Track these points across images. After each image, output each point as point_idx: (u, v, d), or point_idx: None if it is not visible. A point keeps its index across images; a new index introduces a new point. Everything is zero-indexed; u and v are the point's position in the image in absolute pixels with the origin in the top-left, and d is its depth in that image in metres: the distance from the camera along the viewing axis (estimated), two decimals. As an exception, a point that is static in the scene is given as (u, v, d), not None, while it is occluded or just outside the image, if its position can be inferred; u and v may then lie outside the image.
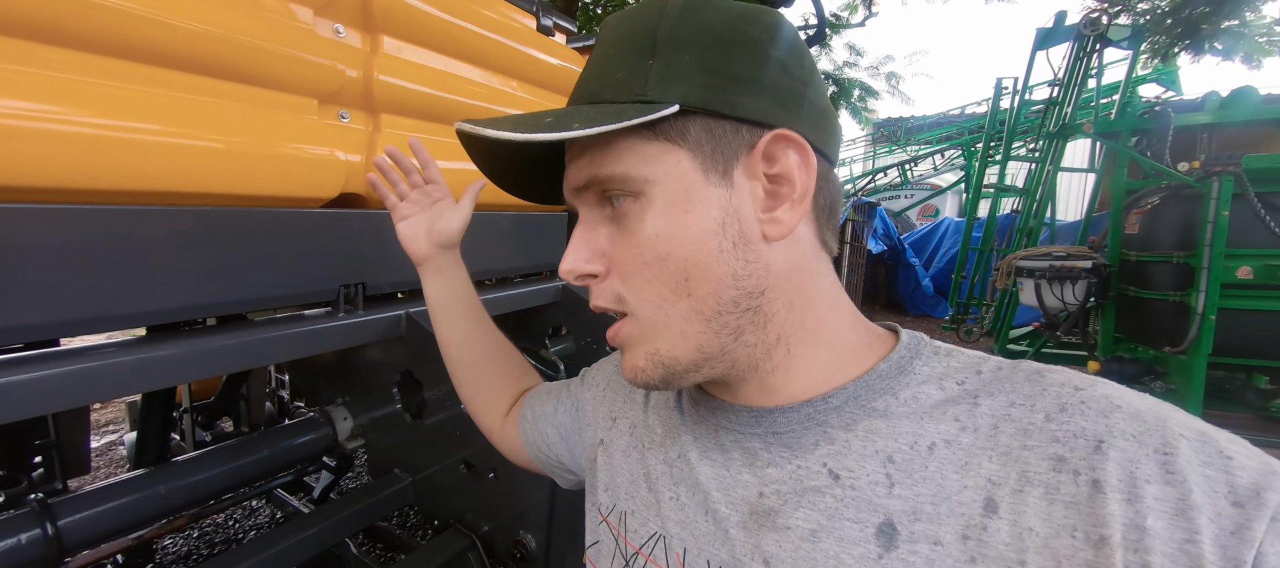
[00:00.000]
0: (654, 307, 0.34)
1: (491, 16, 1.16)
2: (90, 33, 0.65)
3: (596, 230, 0.37)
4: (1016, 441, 0.28)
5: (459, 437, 1.05)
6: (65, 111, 0.63)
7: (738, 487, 0.36)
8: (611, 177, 0.34)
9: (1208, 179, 2.73)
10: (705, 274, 0.33)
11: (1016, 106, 4.83)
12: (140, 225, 0.72)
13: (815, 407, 0.35)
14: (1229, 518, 0.23)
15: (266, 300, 0.87)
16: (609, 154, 0.34)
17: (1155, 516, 0.24)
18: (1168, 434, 0.25)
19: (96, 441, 2.79)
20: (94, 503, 0.90)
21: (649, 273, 0.34)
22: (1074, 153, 5.64)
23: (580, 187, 0.36)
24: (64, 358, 0.69)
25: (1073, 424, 0.27)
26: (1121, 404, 0.27)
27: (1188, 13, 4.98)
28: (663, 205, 0.33)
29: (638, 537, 0.41)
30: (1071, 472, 0.26)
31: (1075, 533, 0.25)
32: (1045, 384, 0.30)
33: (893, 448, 0.31)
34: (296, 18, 0.86)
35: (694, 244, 0.33)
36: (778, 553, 0.33)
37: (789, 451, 0.35)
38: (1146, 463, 0.25)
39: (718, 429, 0.39)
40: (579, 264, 0.37)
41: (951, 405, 0.31)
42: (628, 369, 0.37)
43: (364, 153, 0.96)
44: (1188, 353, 2.78)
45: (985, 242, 4.79)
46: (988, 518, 0.27)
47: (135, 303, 0.73)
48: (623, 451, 0.45)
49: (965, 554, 0.27)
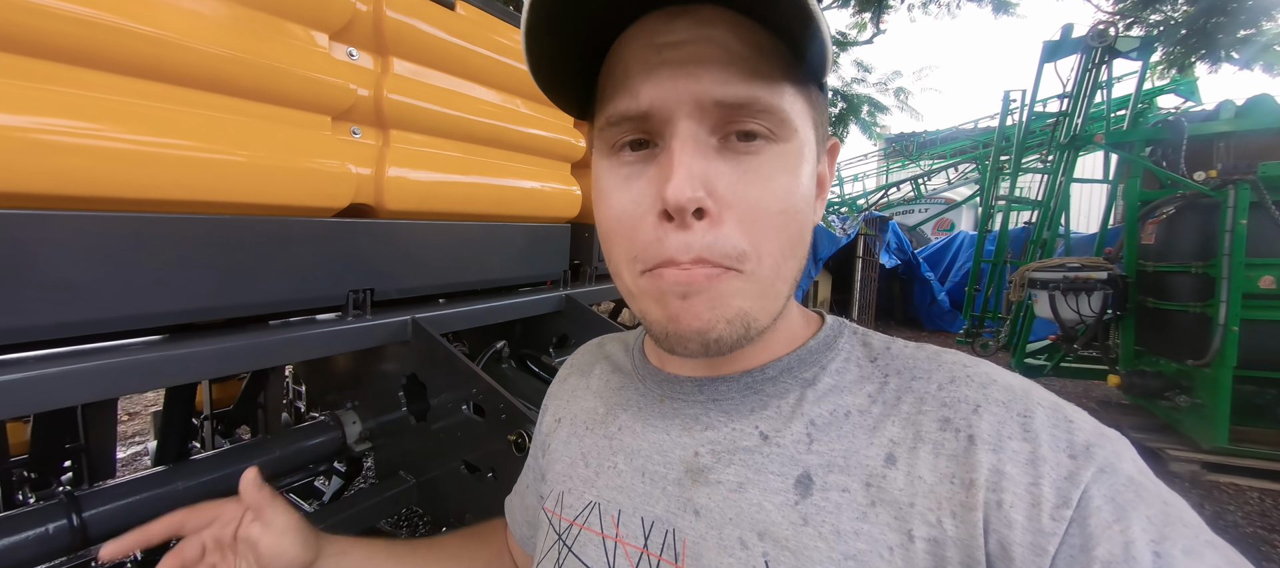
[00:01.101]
0: (774, 264, 0.32)
1: (495, 38, 1.23)
2: (130, 58, 0.72)
3: (708, 161, 0.30)
4: (914, 407, 0.33)
5: (460, 439, 1.08)
6: (105, 128, 0.70)
7: (675, 449, 0.38)
8: (772, 109, 0.30)
9: (1224, 188, 2.69)
10: (806, 240, 0.34)
11: (1025, 120, 4.80)
12: (167, 232, 0.79)
13: (753, 377, 0.38)
14: (1065, 467, 0.28)
15: (281, 304, 0.93)
16: (771, 84, 0.30)
17: (1012, 463, 0.29)
18: (1029, 402, 0.31)
19: (123, 451, 2.89)
20: (116, 497, 0.95)
21: (780, 224, 0.31)
22: (1089, 164, 5.57)
23: (724, 101, 0.30)
24: (95, 354, 0.75)
25: (959, 392, 0.32)
26: (997, 379, 0.33)
27: (1203, 22, 4.93)
28: (796, 160, 0.32)
29: (572, 511, 0.42)
30: (954, 430, 0.31)
31: (954, 480, 0.30)
32: (941, 362, 0.35)
33: (815, 413, 0.35)
34: (314, 43, 0.93)
35: (808, 208, 0.34)
36: (707, 504, 0.35)
37: (727, 415, 0.37)
38: (1011, 423, 0.30)
39: (663, 399, 0.41)
40: (699, 191, 0.29)
41: (866, 382, 0.36)
42: (702, 320, 0.31)
43: (373, 166, 1.02)
44: (1212, 366, 2.69)
45: (998, 255, 4.73)
46: (887, 469, 0.32)
47: (162, 303, 0.79)
48: (562, 441, 0.47)
49: (867, 499, 0.31)
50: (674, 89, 0.30)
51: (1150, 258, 3.12)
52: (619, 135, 0.33)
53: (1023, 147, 4.84)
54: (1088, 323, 3.22)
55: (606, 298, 1.78)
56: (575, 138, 1.48)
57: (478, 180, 1.23)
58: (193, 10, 0.79)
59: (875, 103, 7.45)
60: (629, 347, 0.48)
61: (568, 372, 0.53)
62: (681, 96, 0.30)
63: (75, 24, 0.66)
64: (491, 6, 1.28)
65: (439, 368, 1.09)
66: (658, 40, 0.31)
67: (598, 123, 0.35)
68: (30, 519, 0.84)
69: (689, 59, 0.30)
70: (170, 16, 0.75)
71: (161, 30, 0.73)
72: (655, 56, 0.31)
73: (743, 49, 0.30)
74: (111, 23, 0.69)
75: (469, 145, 1.23)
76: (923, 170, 9.99)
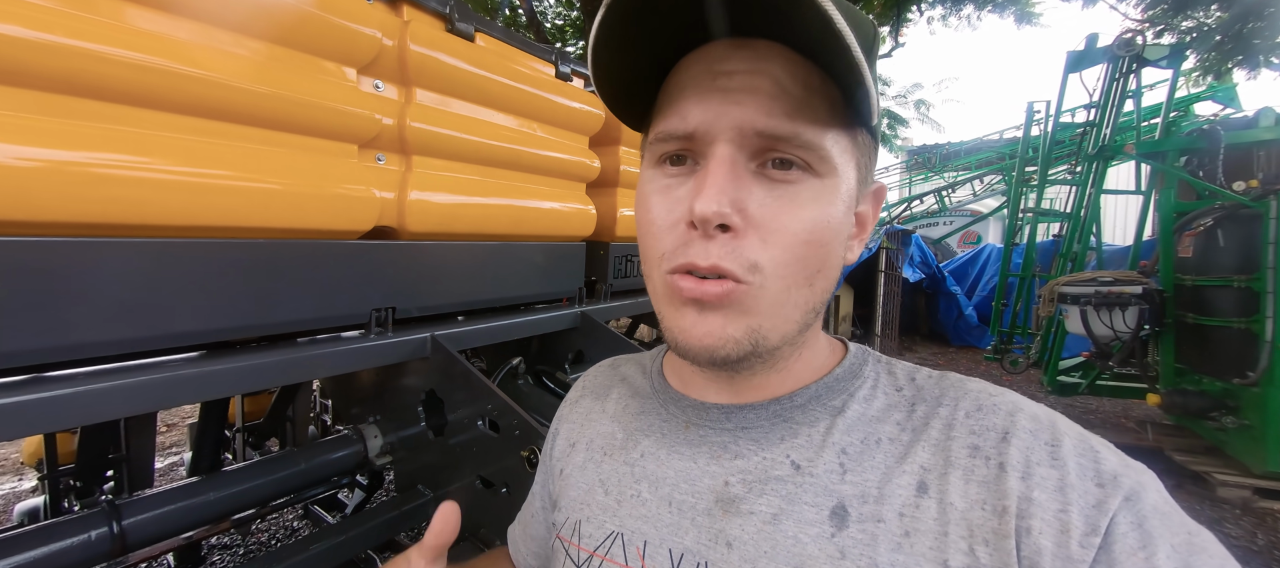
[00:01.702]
0: (784, 287, 0.33)
1: (512, 66, 1.28)
2: (177, 97, 0.79)
3: (742, 182, 0.32)
4: (943, 434, 0.34)
5: (476, 454, 1.11)
6: (153, 162, 0.76)
7: (703, 478, 0.38)
8: (812, 144, 0.32)
9: (1266, 198, 2.58)
10: (828, 275, 0.35)
11: (1050, 131, 4.69)
12: (206, 256, 0.84)
13: (782, 405, 0.38)
14: (1093, 495, 0.29)
15: (308, 322, 0.98)
16: (815, 122, 0.32)
17: (1041, 490, 0.30)
18: (1056, 431, 0.32)
19: (161, 460, 3.02)
20: (154, 506, 1.00)
21: (799, 252, 0.33)
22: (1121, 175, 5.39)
23: (767, 131, 0.32)
24: (140, 370, 0.80)
25: (986, 420, 0.33)
26: (1023, 408, 0.33)
27: (1239, 28, 4.77)
28: (831, 196, 0.33)
29: (592, 540, 0.40)
30: (984, 457, 0.32)
31: (985, 506, 0.30)
32: (965, 390, 0.36)
33: (846, 442, 0.35)
34: (344, 77, 0.99)
35: (837, 245, 0.35)
36: (741, 536, 0.34)
37: (756, 444, 0.37)
38: (1039, 450, 0.31)
39: (688, 425, 0.40)
40: (727, 207, 0.31)
41: (894, 410, 0.36)
42: (713, 334, 0.33)
43: (396, 190, 1.08)
44: (1260, 385, 2.56)
45: (1026, 268, 4.59)
46: (920, 498, 0.32)
47: (200, 322, 0.85)
48: (578, 467, 0.46)
49: (902, 529, 0.32)
50: (720, 115, 0.32)
51: (1188, 272, 3.00)
52: (665, 149, 0.35)
53: (1049, 158, 4.72)
54: (1123, 339, 3.09)
55: (621, 314, 1.80)
56: (589, 159, 1.52)
57: (495, 202, 1.27)
58: (233, 52, 0.85)
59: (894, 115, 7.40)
60: (646, 369, 0.48)
61: (580, 394, 0.52)
62: (726, 122, 0.32)
63: (128, 68, 0.73)
64: (509, 37, 1.34)
65: (456, 384, 1.12)
66: (716, 68, 0.33)
67: (649, 135, 0.37)
68: (75, 527, 0.89)
69: (740, 88, 0.32)
70: (213, 57, 0.81)
71: (205, 70, 0.80)
72: (710, 83, 0.33)
73: (792, 86, 0.32)
74: (161, 66, 0.75)
75: (487, 168, 1.27)
76: (946, 182, 9.81)
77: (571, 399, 0.53)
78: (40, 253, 0.70)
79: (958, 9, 6.68)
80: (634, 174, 1.71)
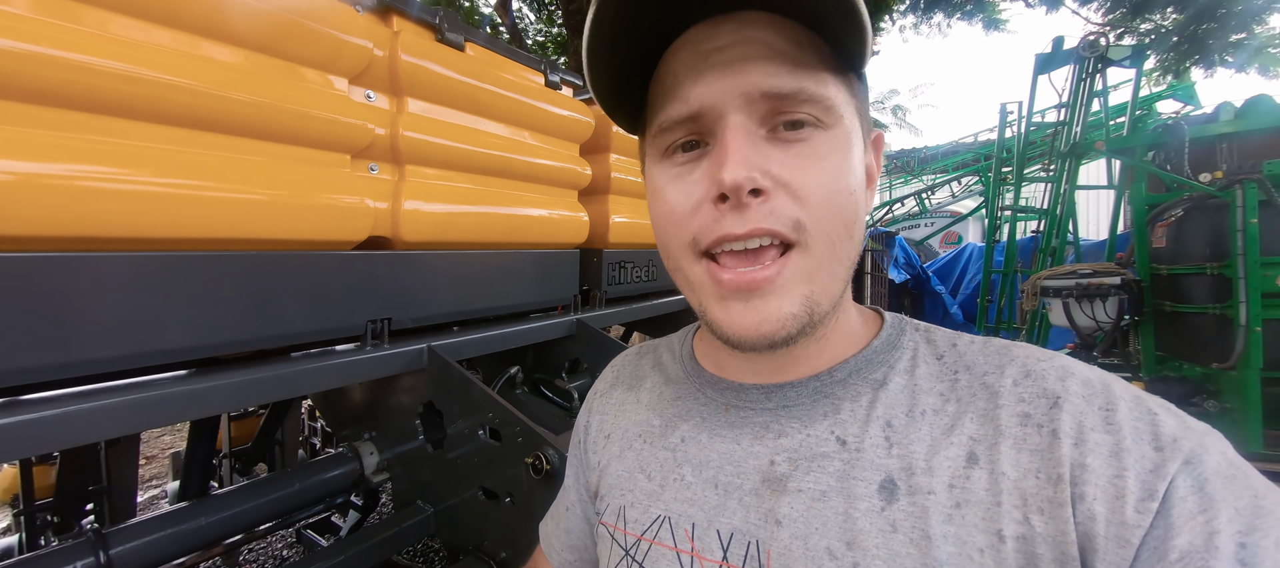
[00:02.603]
0: (829, 241, 0.32)
1: (502, 75, 1.29)
2: (167, 108, 0.77)
3: (760, 147, 0.32)
4: (990, 403, 0.33)
5: (477, 465, 1.09)
6: (142, 174, 0.75)
7: (748, 459, 0.37)
8: (817, 98, 0.32)
9: (1231, 187, 2.68)
10: (860, 223, 0.34)
11: (1023, 131, 4.84)
12: (195, 269, 0.82)
13: (821, 381, 0.37)
14: (1150, 459, 0.28)
15: (302, 335, 0.96)
16: (815, 76, 0.32)
17: (1094, 456, 0.29)
18: (1110, 396, 0.31)
19: (142, 495, 2.90)
20: (142, 534, 0.96)
21: (835, 203, 0.32)
22: (1093, 171, 5.57)
23: (773, 92, 0.31)
24: (125, 389, 0.77)
25: (1036, 387, 0.32)
26: (1075, 372, 0.32)
27: (1194, 29, 5.00)
28: (846, 145, 0.33)
29: (638, 525, 0.40)
30: (1035, 425, 0.31)
31: (1039, 474, 0.30)
32: (1012, 356, 0.34)
33: (891, 414, 0.35)
34: (334, 87, 0.99)
35: (861, 191, 0.34)
36: (790, 513, 0.34)
37: (800, 422, 0.37)
38: (1092, 416, 0.30)
39: (728, 408, 0.40)
40: (755, 172, 0.31)
41: (936, 380, 0.35)
42: (769, 320, 0.32)
43: (390, 200, 1.07)
44: (1237, 368, 2.63)
45: (1008, 265, 4.70)
46: (970, 469, 0.31)
47: (189, 338, 0.82)
48: (617, 456, 0.46)
49: (952, 501, 0.31)
50: (722, 87, 0.32)
51: (1163, 261, 3.09)
52: (671, 139, 0.35)
53: (1023, 157, 4.86)
54: (1105, 329, 3.17)
55: (617, 321, 1.79)
56: (581, 166, 1.53)
57: (489, 210, 1.27)
58: (225, 62, 0.84)
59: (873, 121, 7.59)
60: (677, 354, 0.47)
61: (610, 385, 0.52)
62: (730, 92, 0.32)
63: (115, 78, 0.71)
64: (498, 46, 1.35)
65: (454, 395, 1.10)
66: (703, 47, 0.33)
67: (649, 131, 0.37)
68: (59, 557, 0.85)
69: (734, 59, 0.32)
70: (201, 67, 0.80)
71: (193, 80, 0.79)
72: (702, 62, 0.33)
73: (785, 45, 0.32)
74: (149, 76, 0.74)
75: (480, 177, 1.27)
76: (926, 185, 10.03)
77: (601, 391, 0.52)
78: (19, 268, 0.68)
79: (929, 16, 6.89)
80: (625, 181, 1.72)
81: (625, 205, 1.73)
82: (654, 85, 0.36)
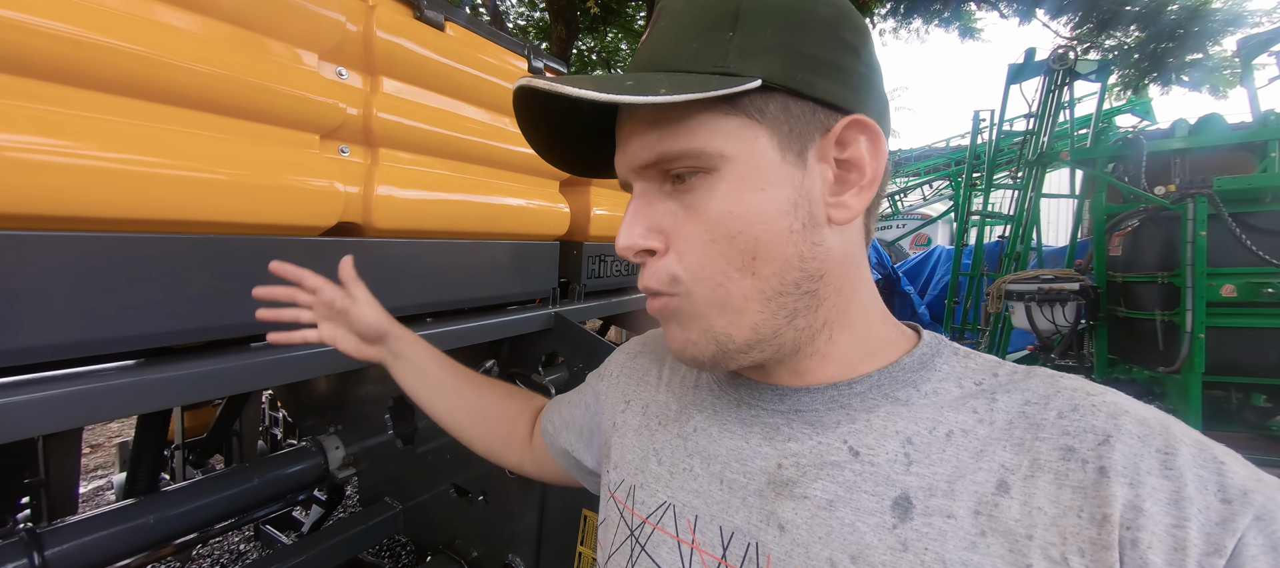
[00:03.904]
0: (713, 285, 0.34)
1: (483, 58, 1.24)
2: (111, 75, 0.71)
3: (655, 206, 0.35)
4: (1029, 433, 0.31)
5: (450, 462, 1.05)
6: (83, 146, 0.68)
7: (756, 458, 0.37)
8: (685, 152, 0.33)
9: (1183, 201, 2.82)
10: (772, 254, 0.33)
11: (994, 138, 5.00)
12: (145, 252, 0.76)
13: (840, 390, 0.36)
14: (1216, 511, 0.26)
15: (263, 325, 0.90)
16: (681, 128, 0.33)
17: (1152, 501, 0.27)
18: (1170, 438, 0.28)
19: (85, 485, 2.74)
20: (82, 533, 0.90)
21: (715, 250, 0.33)
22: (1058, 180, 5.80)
23: (646, 164, 0.35)
24: (64, 381, 0.71)
25: (1084, 421, 0.30)
26: (1130, 410, 0.30)
27: (1153, 48, 5.24)
28: (736, 182, 0.33)
29: (645, 507, 0.41)
30: (1080, 460, 0.29)
31: (1081, 513, 0.28)
32: (1059, 387, 0.32)
33: (912, 431, 0.33)
34: (302, 62, 0.93)
35: (765, 223, 0.33)
36: (793, 520, 0.33)
37: (811, 427, 0.36)
38: (1149, 458, 0.28)
39: (740, 404, 0.40)
40: (637, 239, 0.35)
41: (970, 400, 0.34)
42: (677, 344, 0.36)
43: (361, 184, 1.01)
44: (1182, 372, 2.79)
45: (975, 268, 4.86)
46: (1000, 497, 0.30)
47: (138, 326, 0.76)
48: (634, 430, 0.46)
49: (976, 528, 0.29)
50: (620, 165, 0.38)
51: (1118, 269, 3.24)
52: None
53: (993, 164, 5.02)
54: (1063, 333, 3.31)
55: (595, 315, 1.77)
56: (563, 156, 1.49)
57: (466, 198, 1.22)
58: (179, 28, 0.78)
59: (852, 123, 7.73)
60: None
61: (639, 349, 0.54)
62: (623, 170, 0.37)
63: (53, 40, 0.65)
64: (480, 27, 1.30)
65: (427, 389, 1.06)
66: (616, 129, 0.38)
67: None
68: (-14, 560, 0.79)
69: (623, 138, 0.37)
70: (154, 33, 0.74)
71: (145, 47, 0.72)
72: (619, 139, 0.38)
73: (651, 114, 0.35)
74: (91, 39, 0.68)
75: (457, 163, 1.22)
76: (898, 187, 10.27)
77: (630, 352, 0.54)
78: (-56, 248, 0.61)
79: (907, 22, 7.01)
80: (607, 173, 1.69)
81: (607, 198, 1.70)
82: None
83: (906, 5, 6.09)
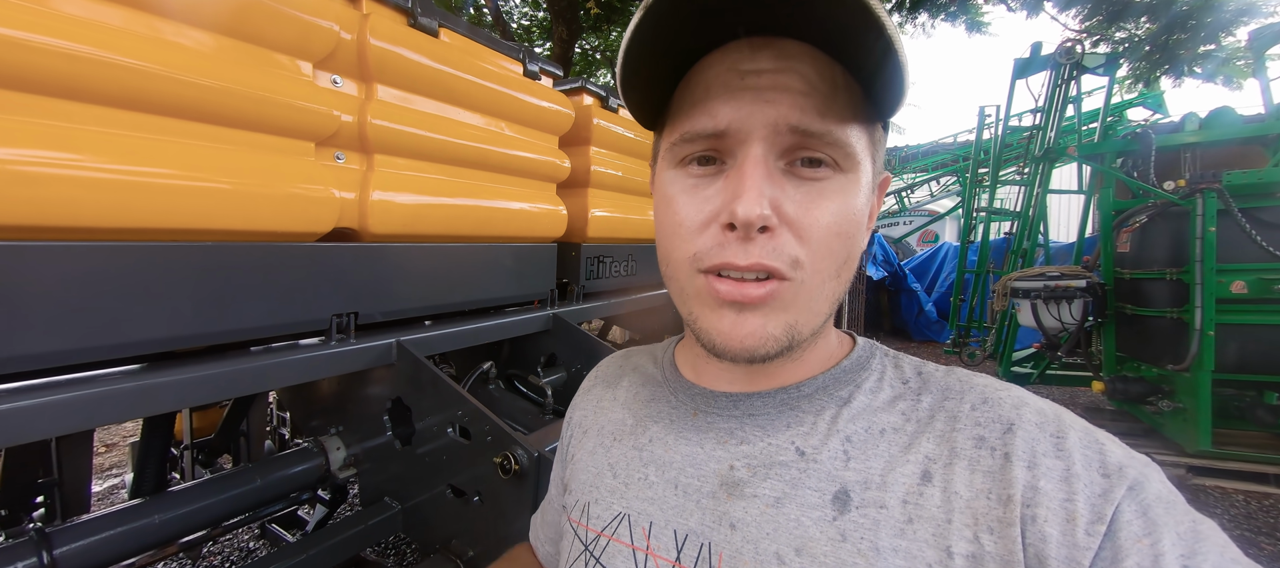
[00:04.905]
0: (820, 280, 0.34)
1: (479, 64, 1.25)
2: (116, 89, 0.73)
3: (777, 181, 0.33)
4: (948, 426, 0.34)
5: (447, 463, 1.07)
6: (91, 159, 0.70)
7: (709, 462, 0.38)
8: (841, 142, 0.33)
9: (1192, 196, 2.77)
10: (852, 266, 0.36)
11: (1000, 134, 4.94)
12: (149, 260, 0.78)
13: (789, 394, 0.38)
14: (1098, 485, 0.29)
15: (263, 329, 0.92)
16: (844, 118, 0.33)
17: (1046, 480, 0.30)
18: (1061, 425, 0.32)
19: (100, 484, 2.81)
20: (90, 533, 0.93)
21: (835, 245, 0.34)
22: (1065, 176, 5.73)
23: (800, 128, 0.32)
24: (72, 385, 0.74)
25: (992, 413, 0.34)
26: (1028, 402, 0.34)
27: (1165, 39, 5.14)
28: (859, 190, 0.34)
29: (599, 521, 0.41)
30: (990, 448, 0.32)
31: (990, 495, 0.31)
32: (973, 383, 0.36)
33: (851, 430, 0.36)
34: (298, 71, 0.95)
35: (861, 236, 0.36)
36: (744, 518, 0.35)
37: (762, 431, 0.38)
38: (1044, 442, 0.32)
39: (696, 413, 0.41)
40: (767, 209, 0.32)
41: (899, 401, 0.37)
42: (754, 335, 0.34)
43: (357, 190, 1.03)
44: (1191, 370, 2.75)
45: (981, 265, 4.81)
46: (924, 486, 0.32)
47: (142, 332, 0.79)
48: (588, 452, 0.47)
49: (904, 515, 0.32)
50: (753, 113, 0.32)
51: (1126, 266, 3.20)
52: (691, 150, 0.35)
53: (1000, 160, 4.96)
54: (1070, 331, 3.27)
55: (594, 316, 1.78)
56: (560, 159, 1.50)
57: (462, 202, 1.24)
58: (178, 42, 0.80)
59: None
60: (658, 359, 0.49)
61: (592, 383, 0.53)
62: (760, 120, 0.32)
63: (51, 56, 0.67)
64: (475, 33, 1.31)
65: (424, 391, 1.08)
66: (742, 67, 0.33)
67: (669, 136, 0.37)
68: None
69: (770, 86, 0.32)
70: (155, 48, 0.76)
71: (147, 62, 0.74)
72: (738, 82, 0.33)
73: (821, 83, 0.32)
74: (86, 54, 0.70)
75: (453, 168, 1.24)
76: (905, 184, 10.19)
77: (584, 389, 0.54)
78: (-48, 259, 0.63)
79: (913, 17, 6.95)
80: (605, 174, 1.70)
81: (605, 199, 1.71)
82: (682, 90, 0.36)
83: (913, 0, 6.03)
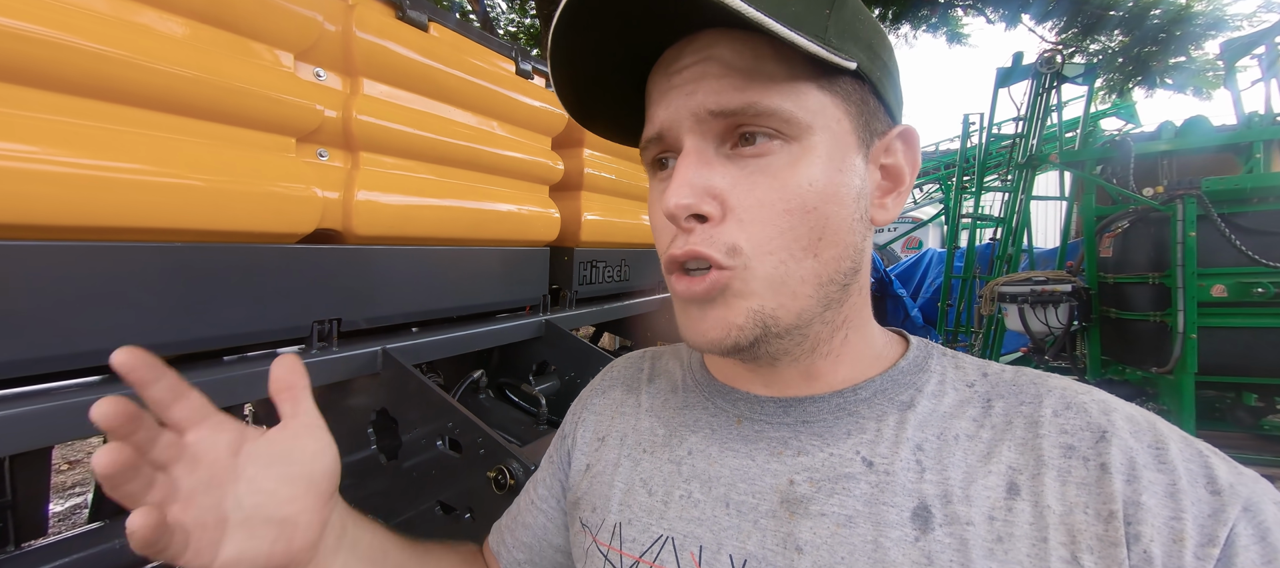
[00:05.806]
0: (777, 261, 0.32)
1: (470, 60, 1.21)
2: (79, 77, 0.67)
3: (712, 167, 0.32)
4: (1029, 432, 0.31)
5: (435, 477, 1.02)
6: (49, 151, 0.65)
7: (764, 477, 0.35)
8: (775, 111, 0.31)
9: (1172, 202, 2.84)
10: (836, 238, 0.33)
11: (984, 141, 5.04)
12: (113, 262, 0.72)
13: (845, 398, 0.35)
14: (1207, 503, 0.27)
15: (239, 337, 0.86)
16: (774, 87, 0.31)
17: (1149, 494, 0.27)
18: (1158, 434, 0.30)
19: (60, 504, 2.66)
20: (46, 558, 0.85)
21: (786, 223, 0.31)
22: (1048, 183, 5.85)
23: (720, 111, 0.31)
24: (26, 398, 0.67)
25: (1078, 419, 0.31)
26: (1116, 406, 0.31)
27: (1137, 51, 5.31)
28: (819, 158, 0.32)
29: (637, 545, 0.37)
30: (1081, 458, 0.29)
31: (1087, 509, 0.28)
32: (1048, 385, 0.33)
33: (921, 437, 0.33)
34: (278, 62, 0.90)
35: (838, 205, 0.32)
36: (812, 540, 0.32)
37: (820, 439, 0.35)
38: (1143, 453, 0.29)
39: (740, 420, 0.38)
40: (693, 200, 0.31)
41: (968, 405, 0.34)
42: (713, 327, 0.32)
43: (341, 190, 0.98)
44: (1174, 373, 2.79)
45: (967, 270, 4.88)
46: (1011, 500, 0.29)
47: (105, 340, 0.72)
48: (612, 464, 0.42)
49: (993, 533, 0.29)
50: (677, 109, 0.33)
51: (1109, 270, 3.26)
52: (650, 155, 0.37)
53: (983, 167, 5.05)
54: (1056, 334, 3.32)
55: (588, 322, 1.74)
56: (552, 160, 1.47)
57: (452, 204, 1.19)
58: (147, 27, 0.75)
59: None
60: (685, 361, 0.45)
61: (608, 384, 0.48)
62: (682, 114, 0.33)
63: (17, 41, 0.61)
64: (466, 29, 1.27)
65: (411, 401, 1.03)
66: (669, 69, 0.34)
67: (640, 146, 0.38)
68: (-63, 591, 0.74)
69: (689, 80, 0.33)
70: (120, 31, 0.71)
71: (110, 47, 0.69)
72: (666, 82, 0.34)
73: (740, 61, 0.31)
74: (56, 38, 0.64)
75: (443, 168, 1.19)
76: (890, 191, 10.33)
77: (598, 389, 0.49)
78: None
79: (896, 28, 7.08)
80: (599, 177, 1.67)
81: (598, 202, 1.67)
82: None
83: (894, 10, 6.14)
